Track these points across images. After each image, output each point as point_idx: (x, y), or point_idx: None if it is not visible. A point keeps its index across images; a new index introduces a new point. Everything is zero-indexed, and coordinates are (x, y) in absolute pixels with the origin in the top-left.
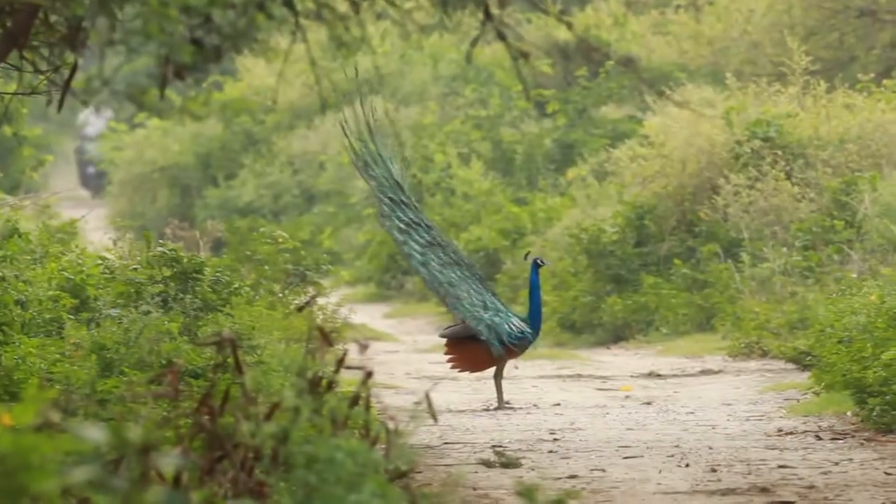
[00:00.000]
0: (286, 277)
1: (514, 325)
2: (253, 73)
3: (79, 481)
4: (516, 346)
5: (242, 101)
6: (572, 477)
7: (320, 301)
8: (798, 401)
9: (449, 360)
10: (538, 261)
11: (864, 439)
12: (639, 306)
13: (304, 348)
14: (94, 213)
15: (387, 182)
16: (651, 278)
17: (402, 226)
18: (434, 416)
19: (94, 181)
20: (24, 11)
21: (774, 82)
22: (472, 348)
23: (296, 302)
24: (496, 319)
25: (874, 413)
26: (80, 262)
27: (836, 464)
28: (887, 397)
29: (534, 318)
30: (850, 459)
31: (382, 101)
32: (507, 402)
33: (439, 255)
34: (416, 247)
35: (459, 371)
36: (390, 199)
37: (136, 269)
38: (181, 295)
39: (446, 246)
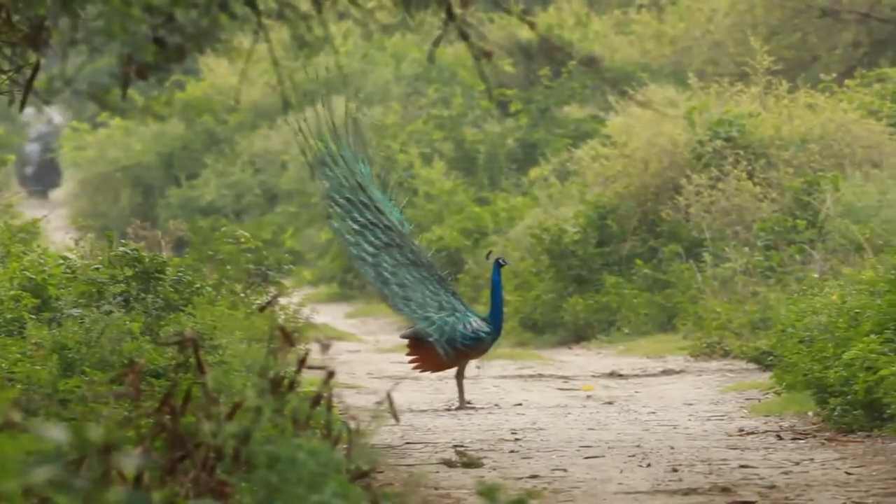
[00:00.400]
0: (248, 277)
1: (472, 324)
2: (215, 73)
3: (40, 481)
4: (470, 346)
5: (205, 100)
6: (534, 477)
7: (282, 301)
8: (759, 401)
9: (411, 361)
10: (500, 260)
11: (826, 439)
12: (600, 306)
13: (265, 348)
14: (56, 213)
15: (346, 182)
16: (613, 278)
17: (355, 227)
18: (396, 416)
19: (32, 182)
20: None
21: (736, 82)
22: (433, 348)
23: (258, 302)
24: (449, 320)
25: (835, 413)
26: (41, 261)
27: (798, 464)
28: (848, 397)
29: (495, 318)
30: (812, 459)
31: (347, 100)
32: (469, 402)
33: (395, 256)
34: (369, 248)
35: (421, 371)
36: (347, 199)
37: (97, 268)
38: (143, 295)
39: (404, 247)
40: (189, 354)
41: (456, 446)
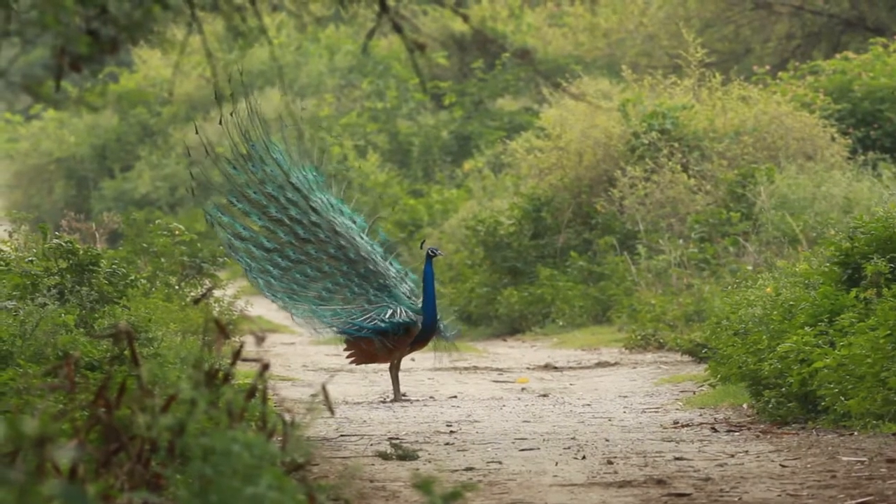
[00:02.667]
0: (182, 270)
1: (391, 315)
2: (149, 65)
3: None
4: (367, 338)
5: (139, 92)
6: (469, 469)
7: (217, 293)
8: (694, 393)
9: (348, 356)
10: (431, 251)
11: (760, 431)
12: (535, 298)
13: (200, 340)
14: None
15: (274, 181)
16: (547, 270)
17: (260, 222)
18: (331, 409)
19: None
20: None
21: (670, 74)
22: (368, 341)
23: (192, 294)
24: (342, 312)
25: (770, 405)
26: None
27: (732, 456)
28: (783, 389)
29: (427, 309)
30: (746, 451)
31: (283, 94)
32: (404, 395)
33: (309, 251)
34: (268, 244)
35: (357, 364)
36: (269, 194)
37: (32, 261)
38: (77, 287)
39: (329, 242)
40: (124, 347)
41: (391, 439)
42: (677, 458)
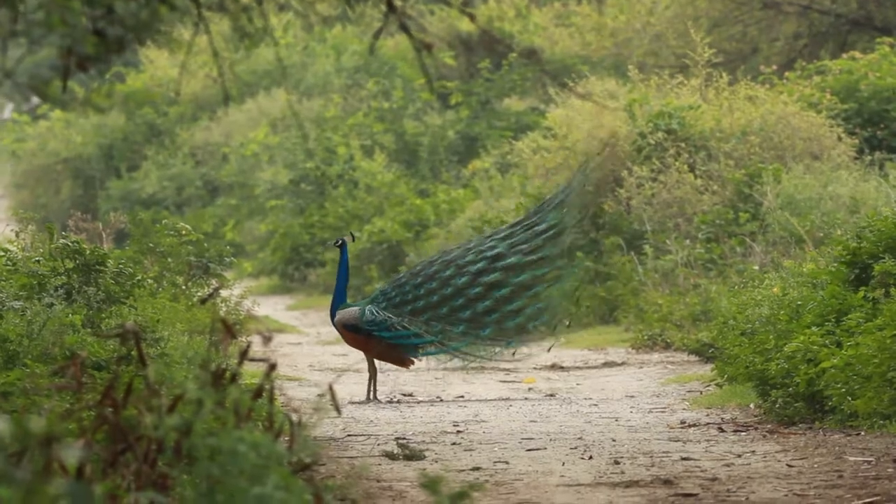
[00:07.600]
0: (189, 269)
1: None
2: (156, 65)
3: None
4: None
5: (145, 92)
6: (476, 469)
7: (223, 293)
8: (701, 393)
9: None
10: (338, 242)
11: (767, 431)
12: None
13: (207, 340)
14: None
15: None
16: None
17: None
18: (337, 409)
19: None
20: None
21: (677, 74)
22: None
23: (199, 294)
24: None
25: (777, 405)
26: None
27: (739, 456)
28: (790, 389)
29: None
30: (753, 451)
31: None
32: (411, 394)
33: None
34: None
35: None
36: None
37: (38, 261)
38: (84, 287)
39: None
40: (131, 347)
41: (398, 438)
42: (684, 458)
